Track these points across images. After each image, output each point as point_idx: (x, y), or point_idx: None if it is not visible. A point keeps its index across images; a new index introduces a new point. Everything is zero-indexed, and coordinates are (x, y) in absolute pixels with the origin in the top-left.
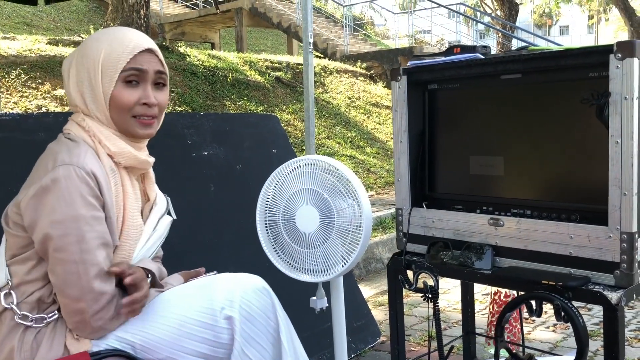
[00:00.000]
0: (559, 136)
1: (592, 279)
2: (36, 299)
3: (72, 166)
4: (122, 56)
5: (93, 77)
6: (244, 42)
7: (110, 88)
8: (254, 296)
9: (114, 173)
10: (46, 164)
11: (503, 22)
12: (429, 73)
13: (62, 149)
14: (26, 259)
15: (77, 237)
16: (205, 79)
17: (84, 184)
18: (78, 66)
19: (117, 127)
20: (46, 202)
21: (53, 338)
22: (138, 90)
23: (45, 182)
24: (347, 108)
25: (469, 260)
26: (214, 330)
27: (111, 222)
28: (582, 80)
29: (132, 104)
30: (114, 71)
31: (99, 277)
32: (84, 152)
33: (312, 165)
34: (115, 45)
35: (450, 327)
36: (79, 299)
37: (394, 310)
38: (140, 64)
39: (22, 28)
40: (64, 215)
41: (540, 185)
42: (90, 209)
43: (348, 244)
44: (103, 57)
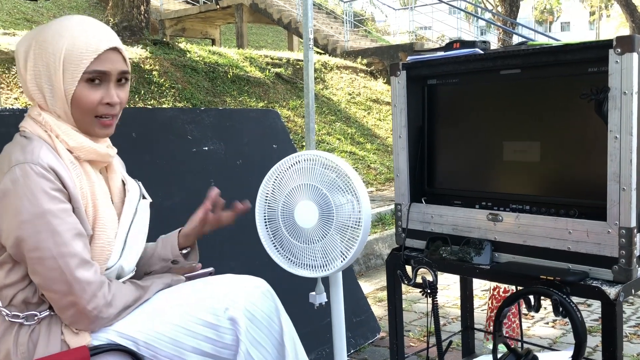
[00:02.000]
0: (558, 131)
1: (591, 274)
2: (21, 301)
3: (27, 164)
4: (85, 55)
5: (53, 74)
6: (245, 38)
7: (72, 87)
8: (258, 299)
9: (74, 166)
10: (1, 167)
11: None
12: (428, 68)
13: (15, 149)
14: (2, 264)
15: (49, 232)
16: (205, 75)
17: (44, 179)
18: (36, 58)
19: (76, 124)
20: (8, 204)
21: (49, 334)
22: (100, 89)
23: (5, 185)
24: (348, 104)
25: (467, 255)
26: (217, 330)
27: (79, 212)
28: (582, 76)
29: (95, 104)
30: (76, 70)
31: (81, 267)
32: (38, 148)
33: (311, 160)
34: (77, 43)
35: (449, 323)
36: (67, 292)
37: (393, 305)
38: (103, 66)
39: (23, 24)
40: (30, 213)
41: (539, 180)
42: (55, 203)
43: (347, 239)
44: (65, 53)
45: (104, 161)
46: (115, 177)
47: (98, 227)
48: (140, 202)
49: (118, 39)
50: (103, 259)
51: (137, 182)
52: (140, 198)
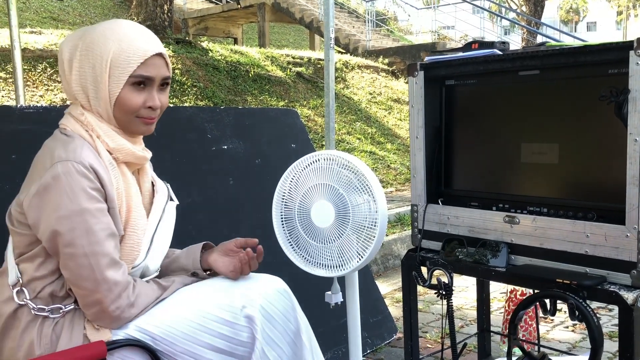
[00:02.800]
0: (577, 133)
1: (608, 279)
2: (48, 294)
3: (69, 162)
4: (132, 59)
5: (99, 75)
6: (267, 37)
7: (117, 90)
8: (274, 297)
9: (112, 166)
10: (44, 162)
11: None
12: (446, 69)
13: (57, 145)
14: (34, 256)
15: (84, 230)
16: (227, 74)
17: (84, 177)
18: (82, 60)
19: (118, 124)
20: (49, 199)
21: (72, 328)
22: (144, 93)
23: (46, 180)
24: (368, 104)
25: (484, 257)
26: (233, 327)
27: (114, 213)
28: (601, 77)
29: (137, 107)
30: (122, 74)
31: (110, 267)
32: (80, 147)
33: (329, 160)
34: (124, 47)
35: (467, 325)
36: (94, 290)
37: (408, 306)
38: (149, 72)
39: (49, 22)
40: (69, 210)
41: (557, 183)
42: (93, 202)
43: (363, 239)
44: (112, 57)
45: (140, 163)
46: (146, 179)
47: (129, 227)
48: (167, 203)
49: (161, 45)
50: (131, 258)
51: (165, 184)
52: (168, 200)
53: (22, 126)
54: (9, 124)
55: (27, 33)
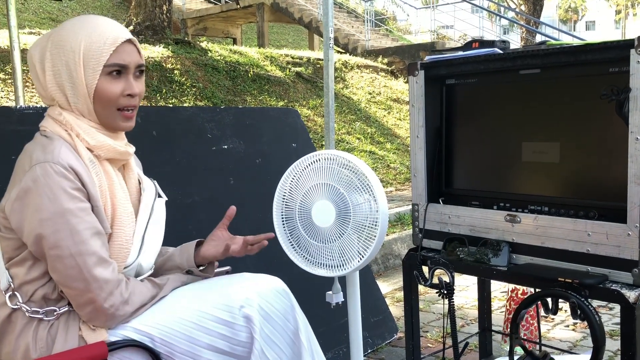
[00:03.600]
0: (577, 132)
1: (610, 277)
2: (41, 297)
3: (47, 163)
4: (104, 48)
5: (74, 70)
6: (266, 37)
7: (94, 81)
8: (273, 298)
9: (93, 164)
10: (23, 165)
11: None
12: (447, 68)
13: (36, 148)
14: (23, 260)
15: (68, 230)
16: (226, 74)
17: (63, 178)
18: (54, 58)
19: (99, 119)
20: (29, 202)
21: (67, 330)
22: (121, 82)
23: (25, 183)
24: (368, 104)
25: (485, 256)
26: (232, 327)
27: (99, 211)
28: (602, 76)
29: (117, 96)
30: (96, 64)
31: (99, 265)
32: (59, 147)
33: (329, 160)
34: (94, 37)
35: (468, 325)
36: (85, 290)
37: (409, 305)
38: (122, 59)
39: (48, 23)
40: (51, 212)
41: (558, 181)
42: (75, 202)
43: (364, 239)
44: (84, 49)
45: (123, 159)
46: (132, 176)
47: (116, 225)
48: (156, 200)
49: (129, 32)
50: (122, 257)
51: (152, 180)
52: (156, 197)
53: (21, 127)
54: (8, 124)
55: (26, 34)
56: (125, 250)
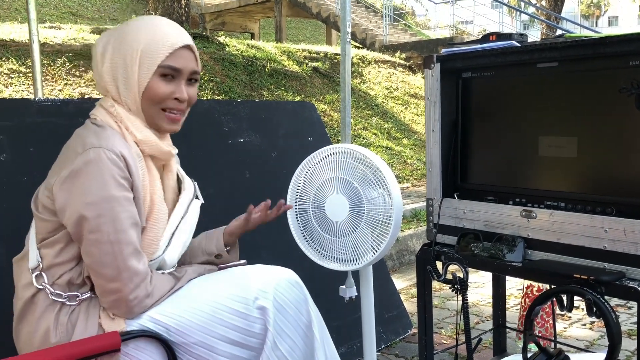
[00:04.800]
0: (596, 127)
1: (627, 275)
2: (66, 282)
3: (101, 149)
4: (162, 50)
5: (129, 65)
6: (283, 32)
7: (146, 79)
8: (287, 289)
9: (139, 158)
10: (75, 148)
11: (548, 13)
12: (463, 61)
13: (89, 134)
14: (55, 242)
15: (111, 217)
16: (243, 68)
17: (114, 165)
18: (114, 51)
19: (145, 117)
20: (79, 184)
21: (87, 317)
22: (172, 84)
23: (77, 165)
24: (385, 99)
25: (500, 252)
26: (246, 319)
27: (139, 203)
28: (622, 69)
29: (165, 97)
30: (151, 63)
31: (133, 256)
32: (112, 135)
33: (343, 153)
34: (155, 37)
35: (483, 321)
36: (115, 278)
37: (422, 301)
38: (177, 63)
39: (69, 18)
40: (97, 196)
41: (575, 177)
42: (121, 190)
43: (377, 234)
44: (142, 47)
45: (165, 159)
46: (170, 176)
47: (151, 220)
48: (192, 202)
49: (191, 39)
50: (150, 251)
51: (193, 182)
52: (193, 198)
53: (40, 119)
54: (27, 116)
55: (46, 28)
56: (155, 245)
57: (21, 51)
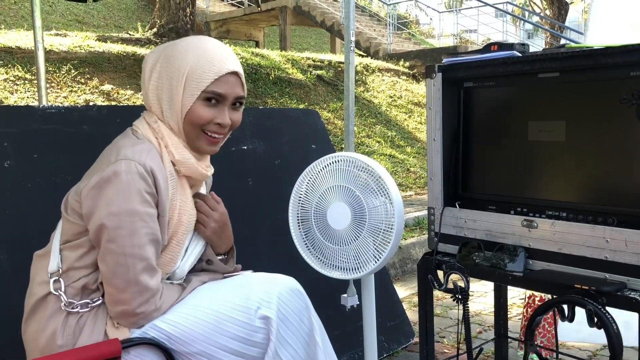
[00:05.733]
0: (597, 137)
1: (629, 285)
2: (81, 286)
3: (133, 162)
4: (208, 75)
5: (175, 87)
6: (288, 40)
7: (190, 103)
8: (289, 298)
9: (173, 177)
10: (109, 156)
11: (552, 22)
12: (465, 70)
13: (126, 144)
14: (78, 246)
15: (130, 230)
16: (248, 76)
17: (143, 180)
18: (161, 71)
19: (185, 138)
20: (105, 193)
21: (94, 324)
22: (215, 109)
23: (107, 174)
24: (388, 107)
25: (501, 261)
26: (248, 328)
27: (163, 222)
28: (623, 80)
29: (206, 122)
30: (196, 87)
31: (145, 272)
32: (147, 150)
33: (345, 162)
34: (202, 62)
35: (485, 331)
36: (124, 290)
37: (424, 310)
38: (222, 89)
39: (74, 25)
40: (121, 208)
41: (577, 187)
42: (145, 206)
43: (379, 242)
44: (189, 70)
45: (201, 180)
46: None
47: (175, 239)
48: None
49: (239, 64)
50: (168, 268)
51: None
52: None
53: (44, 126)
54: (31, 123)
55: (52, 35)
56: (173, 263)
57: (27, 58)
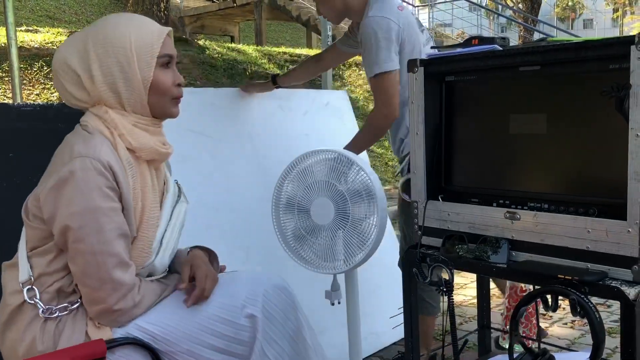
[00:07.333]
0: (578, 129)
1: (610, 274)
2: (56, 289)
3: (88, 158)
4: (154, 41)
5: (128, 66)
6: (264, 35)
7: (150, 73)
8: (275, 296)
9: (130, 166)
10: (62, 156)
11: (525, 15)
12: (447, 64)
13: (78, 141)
14: (46, 251)
15: (95, 228)
16: (224, 71)
17: (101, 175)
18: (101, 59)
19: (152, 111)
20: (64, 194)
21: (74, 326)
22: (169, 71)
23: (63, 174)
24: (365, 101)
25: (484, 253)
26: (234, 327)
27: (128, 214)
28: (603, 72)
29: (170, 86)
30: (150, 57)
31: (118, 267)
32: (100, 144)
33: (328, 157)
34: (143, 32)
35: (466, 322)
36: (98, 288)
37: (408, 303)
38: (170, 50)
39: (45, 21)
40: (82, 207)
41: (558, 178)
42: (107, 201)
43: (362, 236)
44: (135, 44)
45: (163, 160)
46: (160, 176)
47: (142, 228)
48: (177, 205)
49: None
50: (141, 260)
51: (176, 184)
52: (178, 200)
53: (19, 124)
54: (6, 122)
55: (23, 31)
56: (146, 254)
57: None
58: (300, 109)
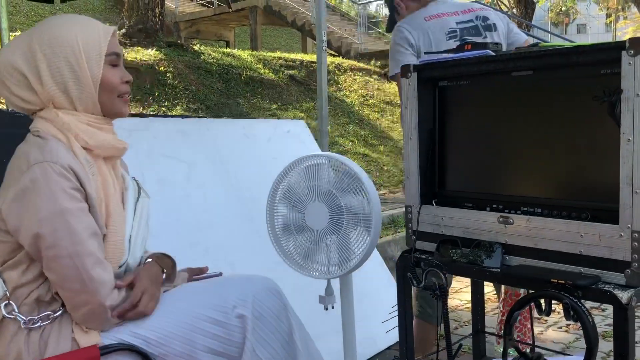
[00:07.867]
0: (570, 133)
1: (603, 278)
2: (34, 300)
3: (46, 163)
4: (101, 40)
5: (77, 65)
6: (259, 40)
7: (99, 71)
8: (265, 297)
9: (89, 164)
10: (19, 166)
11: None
12: (440, 70)
13: (32, 149)
14: (17, 263)
15: (66, 231)
16: (219, 77)
17: (63, 177)
18: (49, 58)
19: (103, 109)
20: (28, 202)
21: (59, 333)
22: (117, 69)
23: (24, 184)
24: (361, 106)
25: (478, 258)
26: (226, 327)
27: (95, 212)
28: (594, 77)
29: (118, 84)
30: (98, 55)
31: (96, 266)
32: (56, 148)
33: (321, 162)
34: (89, 30)
35: (461, 326)
36: (82, 290)
37: (403, 307)
38: (116, 48)
39: None
40: (49, 211)
41: (551, 183)
42: (74, 202)
43: (357, 241)
44: (82, 44)
45: (120, 155)
46: (118, 173)
47: (110, 225)
48: (139, 199)
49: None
50: (116, 257)
51: (134, 180)
52: (139, 195)
53: (13, 130)
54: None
55: None
56: (119, 250)
57: None
58: (263, 136)
